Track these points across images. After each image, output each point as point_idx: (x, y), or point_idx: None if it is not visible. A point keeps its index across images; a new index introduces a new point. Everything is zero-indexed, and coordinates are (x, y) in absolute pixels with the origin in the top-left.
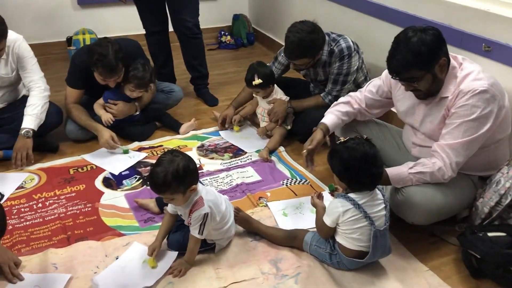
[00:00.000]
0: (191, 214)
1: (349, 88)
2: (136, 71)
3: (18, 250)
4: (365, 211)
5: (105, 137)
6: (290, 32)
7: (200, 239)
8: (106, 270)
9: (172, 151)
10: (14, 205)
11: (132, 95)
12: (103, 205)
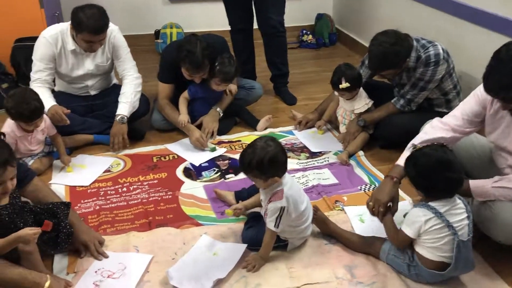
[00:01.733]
0: (268, 204)
1: (425, 95)
2: (222, 66)
3: (103, 230)
4: (447, 219)
5: (196, 135)
6: (372, 45)
7: (276, 232)
8: (179, 262)
9: (268, 138)
10: (102, 187)
11: (218, 88)
12: (183, 194)
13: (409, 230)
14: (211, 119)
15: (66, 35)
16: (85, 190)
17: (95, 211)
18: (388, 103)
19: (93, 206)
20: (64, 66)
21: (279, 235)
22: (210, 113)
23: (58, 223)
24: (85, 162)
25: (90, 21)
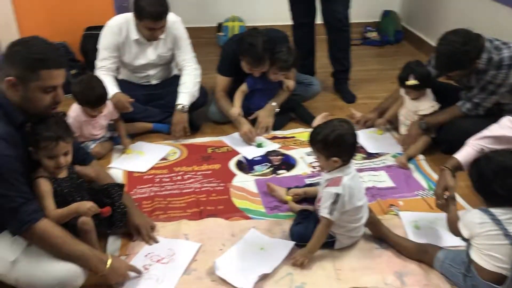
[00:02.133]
0: (324, 189)
1: (495, 100)
2: (280, 54)
3: (156, 216)
4: (505, 228)
5: (244, 129)
6: (441, 44)
7: (331, 221)
8: (226, 254)
9: (344, 120)
10: (157, 174)
11: (275, 78)
12: (234, 186)
13: (464, 231)
14: (266, 114)
15: (130, 25)
16: (141, 176)
17: (149, 197)
18: (453, 106)
19: (148, 192)
20: (128, 55)
21: None
22: (265, 108)
23: (112, 203)
24: (144, 149)
25: (150, 8)
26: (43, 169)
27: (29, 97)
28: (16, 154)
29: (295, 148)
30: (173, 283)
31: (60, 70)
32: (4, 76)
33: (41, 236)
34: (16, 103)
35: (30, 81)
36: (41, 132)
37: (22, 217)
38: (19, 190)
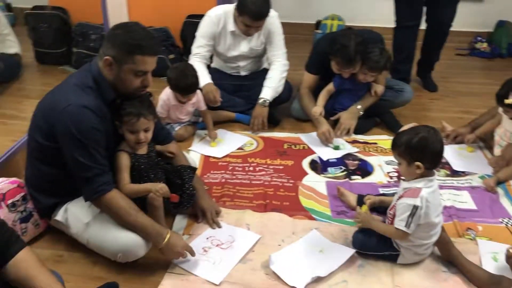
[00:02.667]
0: (399, 199)
1: None
2: (372, 54)
3: (223, 202)
4: None
5: (323, 129)
6: None
7: (406, 234)
8: (283, 250)
9: (433, 128)
10: (231, 162)
11: (365, 78)
12: (304, 185)
13: None
14: (349, 116)
15: (228, 16)
16: (216, 162)
17: (220, 183)
18: None
19: (220, 178)
20: (222, 45)
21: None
22: (349, 110)
23: (182, 184)
24: (223, 136)
25: (253, 6)
26: (126, 144)
27: (121, 77)
28: (102, 128)
29: (374, 155)
30: (228, 269)
31: (153, 57)
32: (103, 54)
33: (108, 206)
34: (110, 81)
35: (125, 63)
36: (126, 108)
37: (94, 187)
38: (97, 162)
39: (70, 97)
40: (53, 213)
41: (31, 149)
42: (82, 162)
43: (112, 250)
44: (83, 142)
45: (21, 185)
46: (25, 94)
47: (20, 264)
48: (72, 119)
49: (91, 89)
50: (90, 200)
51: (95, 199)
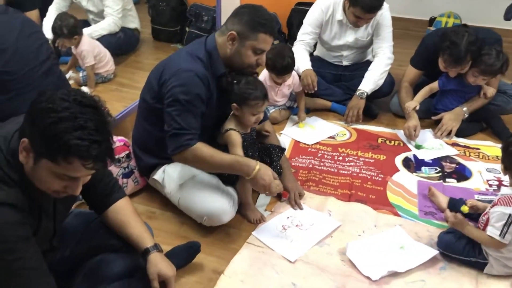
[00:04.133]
0: (494, 206)
1: None
2: (486, 56)
3: (307, 187)
4: None
5: (409, 124)
6: None
7: (502, 244)
8: (362, 240)
9: None
10: (321, 149)
11: (475, 81)
12: (393, 181)
13: None
14: (453, 117)
15: (337, 5)
16: (306, 148)
17: (307, 168)
18: None
19: (307, 163)
20: (327, 33)
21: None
22: (454, 111)
23: (270, 162)
24: (316, 124)
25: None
26: (235, 123)
27: (241, 52)
28: (205, 97)
29: (475, 161)
30: (304, 249)
31: (272, 38)
32: (226, 30)
33: (194, 156)
34: (225, 56)
35: (247, 39)
36: (252, 92)
37: (180, 140)
38: (191, 126)
39: (182, 63)
40: (152, 172)
41: (141, 110)
42: (178, 122)
43: (199, 213)
44: (185, 105)
45: (127, 144)
46: (139, 66)
47: (119, 211)
48: (180, 82)
49: (201, 60)
50: (175, 153)
51: (179, 153)
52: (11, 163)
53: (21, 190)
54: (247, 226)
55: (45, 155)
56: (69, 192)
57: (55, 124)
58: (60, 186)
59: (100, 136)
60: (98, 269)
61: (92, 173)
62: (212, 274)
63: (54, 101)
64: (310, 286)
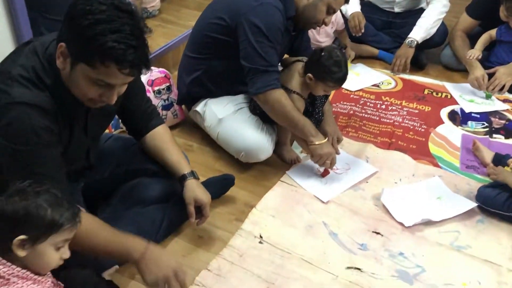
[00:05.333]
0: None
1: None
2: None
3: (346, 132)
4: None
5: (477, 74)
6: None
7: None
8: (399, 188)
9: None
10: (363, 97)
11: None
12: (436, 133)
13: None
14: (507, 72)
15: None
16: (349, 94)
17: (348, 114)
18: None
19: (349, 109)
20: None
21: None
22: (510, 65)
23: (313, 109)
24: (361, 71)
25: None
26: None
27: (317, 6)
28: (282, 34)
29: None
30: (338, 191)
31: None
32: None
33: (277, 100)
34: (298, 3)
35: None
36: (336, 73)
37: (269, 79)
38: (273, 60)
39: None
40: (194, 104)
41: (196, 41)
42: (262, 56)
43: (237, 148)
44: (268, 38)
45: (168, 76)
46: (185, 4)
47: (157, 136)
48: (264, 15)
49: None
50: (260, 91)
51: (264, 92)
52: (46, 68)
53: (52, 95)
54: (282, 166)
55: (82, 59)
56: (105, 100)
57: (92, 26)
58: (96, 93)
59: (136, 41)
60: (135, 191)
61: (129, 83)
62: (244, 207)
63: (91, 3)
64: (341, 227)
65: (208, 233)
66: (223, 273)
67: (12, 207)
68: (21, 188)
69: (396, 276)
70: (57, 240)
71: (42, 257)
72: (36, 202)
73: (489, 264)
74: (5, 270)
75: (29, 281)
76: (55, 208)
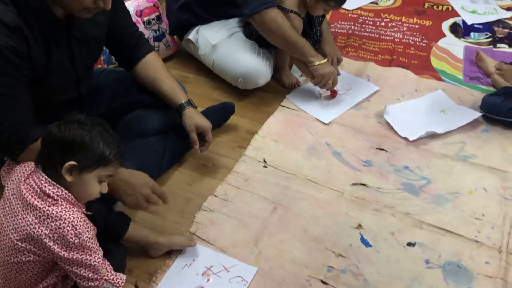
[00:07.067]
0: None
1: None
2: None
3: (346, 52)
4: None
5: None
6: None
7: None
8: (402, 103)
9: None
10: (362, 15)
11: None
12: (438, 46)
13: None
14: None
15: None
16: (346, 14)
17: (347, 33)
18: None
19: (347, 29)
20: None
21: None
22: None
23: (310, 29)
24: None
25: None
26: (297, 4)
27: None
28: None
29: None
30: (339, 112)
31: None
32: None
33: (273, 19)
34: None
35: None
36: None
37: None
38: None
39: None
40: (186, 33)
41: None
42: None
43: (234, 74)
44: None
45: (157, 5)
46: None
47: (148, 65)
48: None
49: None
50: (256, 10)
51: (260, 11)
52: None
53: (19, 11)
54: (281, 91)
55: None
56: (100, 5)
57: None
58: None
59: None
60: (133, 124)
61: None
62: (246, 134)
63: None
64: (344, 146)
65: (212, 161)
66: (230, 197)
67: (71, 133)
68: (79, 118)
69: (402, 189)
70: (102, 174)
71: (85, 186)
72: (92, 133)
73: (494, 171)
74: (54, 191)
75: (74, 207)
76: (107, 143)
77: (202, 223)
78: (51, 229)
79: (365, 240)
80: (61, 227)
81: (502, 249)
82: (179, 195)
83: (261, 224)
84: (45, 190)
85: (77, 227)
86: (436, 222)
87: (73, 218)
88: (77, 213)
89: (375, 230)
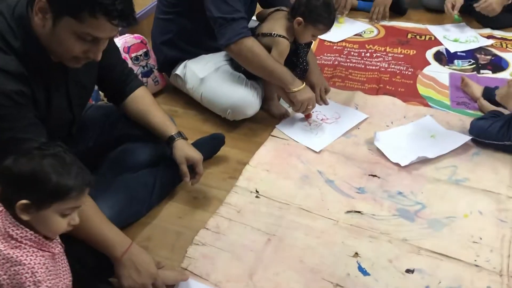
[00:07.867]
0: None
1: None
2: None
3: (333, 83)
4: None
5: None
6: None
7: None
8: (391, 130)
9: None
10: (347, 47)
11: None
12: (424, 74)
13: None
14: None
15: None
16: (331, 46)
17: (333, 65)
18: None
19: (333, 60)
20: None
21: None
22: None
23: (297, 59)
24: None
25: None
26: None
27: None
28: None
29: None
30: (330, 140)
31: None
32: None
33: (249, 49)
34: None
35: None
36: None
37: (237, 28)
38: (238, 7)
39: None
40: (174, 68)
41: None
42: (230, 5)
43: (223, 105)
44: None
45: (144, 42)
46: None
47: (138, 100)
48: None
49: None
50: (231, 41)
51: (235, 42)
52: (14, 30)
53: (20, 59)
54: (271, 122)
55: (67, 12)
56: (90, 56)
57: None
58: (80, 49)
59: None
60: (123, 157)
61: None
62: (237, 165)
63: None
64: (337, 173)
65: (203, 194)
66: (222, 230)
67: (21, 169)
68: (30, 148)
69: (397, 215)
70: (62, 207)
71: (47, 223)
72: (42, 167)
73: (488, 193)
74: (17, 232)
75: (39, 250)
76: (61, 175)
77: (194, 257)
78: (9, 275)
79: (363, 269)
80: (20, 273)
81: (503, 273)
82: (169, 229)
83: (255, 257)
84: (9, 231)
85: (36, 274)
86: (433, 247)
87: (33, 264)
88: (40, 258)
89: (372, 258)
